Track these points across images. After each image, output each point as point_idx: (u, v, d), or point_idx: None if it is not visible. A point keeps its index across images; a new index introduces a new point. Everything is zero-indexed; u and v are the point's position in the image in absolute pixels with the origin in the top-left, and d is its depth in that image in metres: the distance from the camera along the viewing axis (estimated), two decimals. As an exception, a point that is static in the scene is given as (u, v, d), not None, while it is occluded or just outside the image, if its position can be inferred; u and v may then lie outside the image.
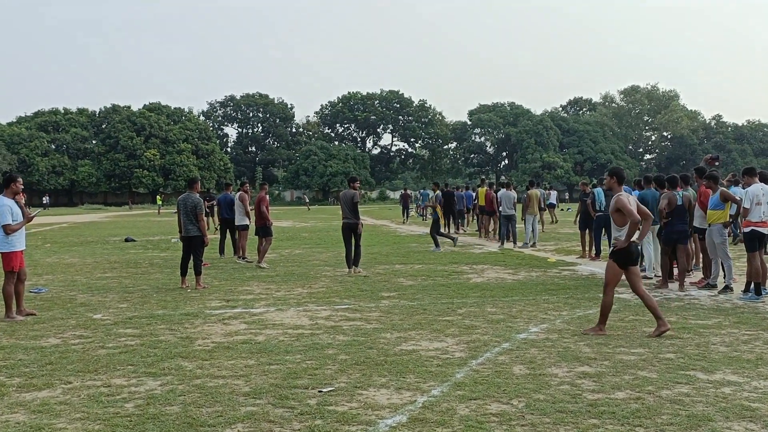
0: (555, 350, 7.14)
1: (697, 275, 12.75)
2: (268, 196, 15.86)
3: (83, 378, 6.17)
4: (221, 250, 17.86)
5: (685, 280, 11.78)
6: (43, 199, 74.25)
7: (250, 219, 16.54)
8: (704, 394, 5.59)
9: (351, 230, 14.00)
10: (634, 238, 7.86)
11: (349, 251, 14.12)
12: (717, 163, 13.16)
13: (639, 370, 6.34)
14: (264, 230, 15.64)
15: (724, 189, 11.38)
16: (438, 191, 21.21)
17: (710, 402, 5.37)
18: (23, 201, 9.95)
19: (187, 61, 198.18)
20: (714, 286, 11.49)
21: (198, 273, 12.06)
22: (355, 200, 14.02)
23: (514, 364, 6.59)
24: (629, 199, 7.92)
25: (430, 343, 7.54)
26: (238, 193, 16.75)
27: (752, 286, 10.49)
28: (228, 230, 17.63)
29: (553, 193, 36.97)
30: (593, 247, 16.59)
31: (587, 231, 17.01)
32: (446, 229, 27.50)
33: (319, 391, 5.69)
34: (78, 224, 39.14)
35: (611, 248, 8.15)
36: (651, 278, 12.79)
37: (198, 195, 12.25)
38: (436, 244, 19.18)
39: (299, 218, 44.56)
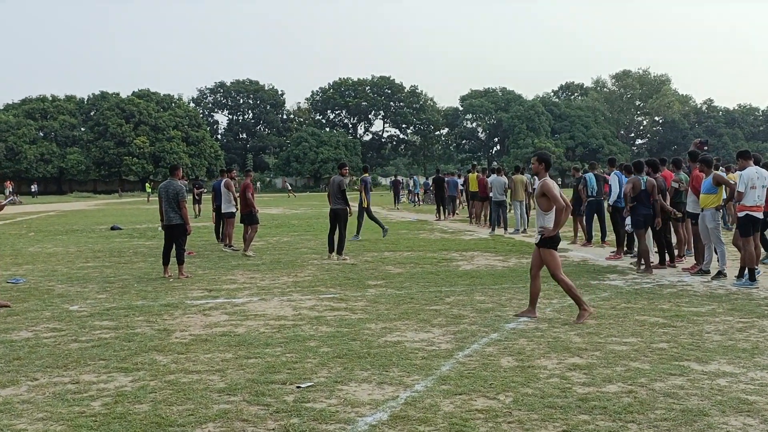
0: (545, 340, 6.90)
1: (690, 261, 12.55)
2: (253, 183, 15.55)
3: (51, 374, 5.89)
4: (218, 237, 17.60)
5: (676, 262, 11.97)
6: (32, 187, 73.52)
7: (236, 206, 16.22)
8: (699, 386, 5.36)
9: (338, 215, 14.05)
10: (553, 226, 7.84)
11: (332, 235, 14.24)
12: (706, 148, 12.97)
13: (631, 361, 6.11)
14: (250, 218, 15.34)
15: (718, 173, 11.13)
16: (367, 174, 19.71)
17: (705, 395, 5.15)
18: (10, 189, 9.63)
19: (176, 47, 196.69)
20: (707, 272, 11.28)
21: (180, 262, 11.77)
22: (342, 187, 14.12)
23: (502, 355, 6.35)
24: (555, 185, 7.94)
25: (415, 334, 7.28)
26: (224, 180, 16.43)
27: (746, 271, 10.28)
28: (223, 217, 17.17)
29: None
30: (585, 233, 16.37)
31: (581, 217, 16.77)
32: (437, 215, 27.31)
33: (298, 387, 5.43)
34: (65, 212, 38.69)
35: (538, 236, 8.08)
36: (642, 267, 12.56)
37: (180, 182, 11.93)
38: (382, 228, 18.59)
39: (289, 205, 44.21)
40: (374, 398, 5.17)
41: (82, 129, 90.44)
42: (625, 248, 13.87)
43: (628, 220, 12.84)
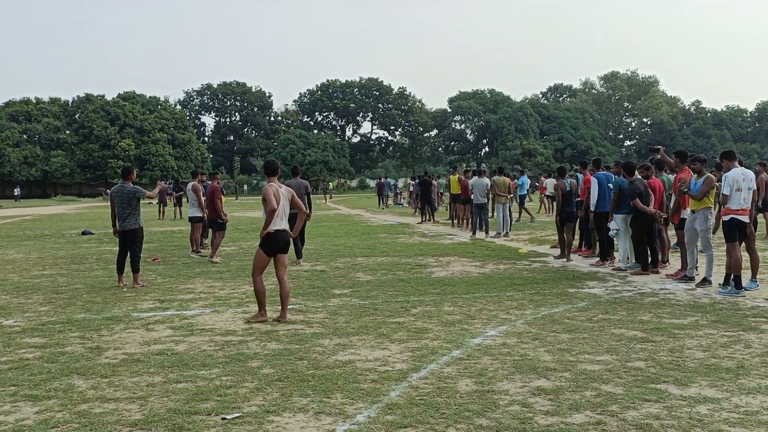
0: (511, 359, 6.28)
1: (674, 267, 11.97)
2: (222, 187, 14.88)
3: (-52, 404, 5.22)
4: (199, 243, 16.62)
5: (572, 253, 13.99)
6: (15, 190, 72.41)
7: (203, 211, 15.47)
8: (676, 415, 4.75)
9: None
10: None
11: (296, 242, 13.58)
12: (657, 149, 12.52)
13: (603, 383, 5.49)
14: (217, 224, 14.67)
15: (710, 176, 10.48)
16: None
17: (683, 426, 4.53)
18: None
19: (162, 49, 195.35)
20: (691, 279, 10.70)
21: (135, 270, 11.07)
22: (308, 190, 13.66)
23: (461, 377, 5.72)
24: (273, 189, 8.17)
25: (370, 351, 6.64)
26: (191, 184, 15.75)
27: (732, 278, 9.70)
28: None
29: (525, 181, 27.71)
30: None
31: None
32: (423, 217, 26.68)
33: (223, 419, 4.79)
34: (42, 216, 37.83)
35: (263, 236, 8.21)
36: (624, 270, 11.99)
37: (132, 185, 11.23)
38: None
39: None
40: (306, 433, 4.52)
41: (67, 132, 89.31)
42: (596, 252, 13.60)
43: (612, 224, 12.33)
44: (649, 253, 11.67)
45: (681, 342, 6.82)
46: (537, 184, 35.17)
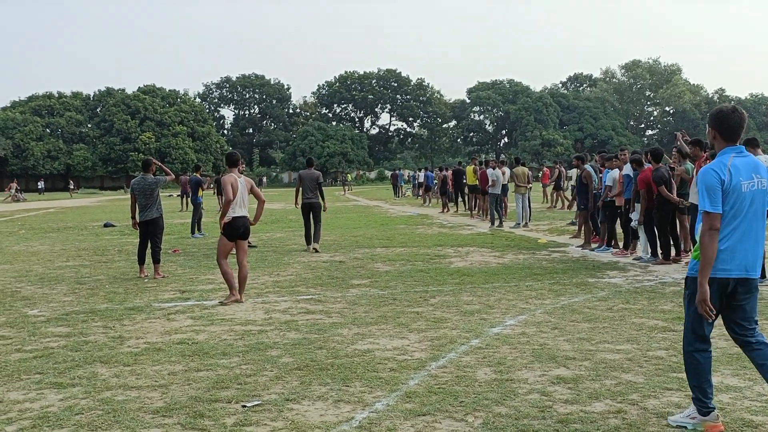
0: (530, 348, 6.26)
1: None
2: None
3: (-25, 391, 5.31)
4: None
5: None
6: (38, 184, 73.23)
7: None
8: (698, 403, 4.70)
9: (311, 209, 14.45)
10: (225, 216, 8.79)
11: (308, 229, 14.46)
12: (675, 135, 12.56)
13: (623, 372, 5.46)
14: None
15: None
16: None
17: (704, 415, 4.49)
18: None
19: (181, 42, 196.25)
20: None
21: (156, 261, 11.18)
22: (320, 180, 14.62)
23: (480, 366, 5.71)
24: (232, 179, 8.74)
25: (389, 340, 6.66)
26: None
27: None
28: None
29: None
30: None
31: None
32: (457, 208, 26.74)
33: (243, 406, 4.83)
34: (65, 209, 38.28)
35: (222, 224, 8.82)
36: (644, 258, 11.90)
37: (153, 176, 11.35)
38: None
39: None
40: (326, 420, 4.55)
41: (89, 125, 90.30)
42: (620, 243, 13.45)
43: (633, 215, 12.23)
44: (671, 243, 11.57)
45: (702, 331, 6.75)
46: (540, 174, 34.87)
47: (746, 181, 4.09)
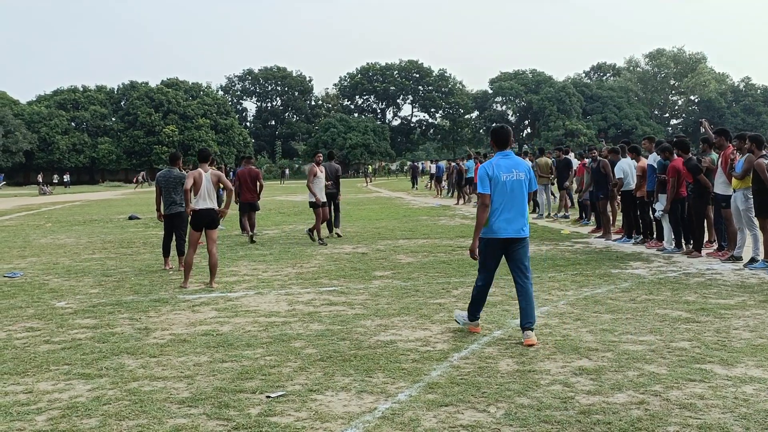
0: (552, 339, 6.27)
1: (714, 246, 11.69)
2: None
3: (6, 382, 5.43)
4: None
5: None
6: (64, 177, 74.16)
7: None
8: (721, 395, 4.69)
9: (330, 198, 15.25)
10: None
11: (328, 218, 15.39)
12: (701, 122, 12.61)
13: (646, 363, 5.45)
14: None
15: (751, 155, 10.13)
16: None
17: (728, 406, 4.48)
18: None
19: (204, 35, 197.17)
20: (739, 258, 10.48)
21: (181, 253, 11.30)
22: (338, 173, 15.51)
23: (502, 357, 5.73)
24: (196, 173, 9.36)
25: (412, 332, 6.69)
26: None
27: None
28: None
29: (472, 165, 25.47)
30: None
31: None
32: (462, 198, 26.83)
33: (267, 397, 4.89)
34: (90, 202, 38.76)
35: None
36: (668, 249, 11.80)
37: (178, 170, 11.46)
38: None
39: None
40: (349, 410, 4.59)
41: (113, 119, 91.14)
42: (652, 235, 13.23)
43: (657, 206, 12.11)
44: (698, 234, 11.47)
45: (727, 322, 6.71)
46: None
47: (505, 174, 6.25)
